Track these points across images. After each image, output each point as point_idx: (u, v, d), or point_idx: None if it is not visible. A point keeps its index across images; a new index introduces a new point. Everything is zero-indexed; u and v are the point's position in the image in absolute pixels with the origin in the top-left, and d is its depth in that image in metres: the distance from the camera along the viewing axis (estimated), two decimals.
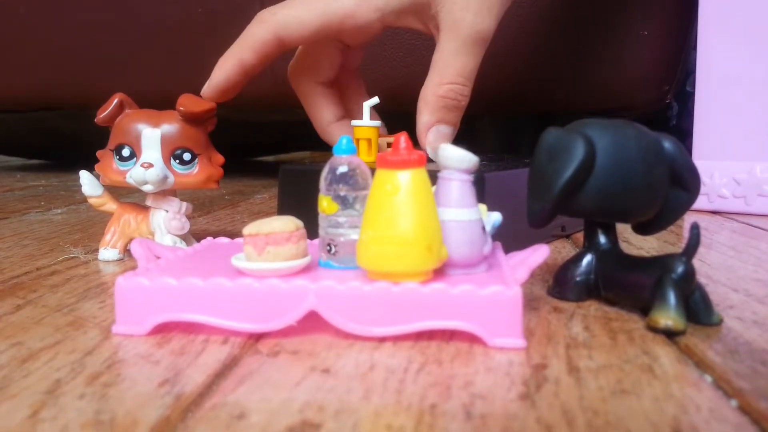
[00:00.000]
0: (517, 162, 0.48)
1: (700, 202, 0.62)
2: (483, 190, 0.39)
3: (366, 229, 0.26)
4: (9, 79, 0.99)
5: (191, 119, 0.40)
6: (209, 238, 0.36)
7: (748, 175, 0.59)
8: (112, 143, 0.40)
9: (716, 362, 0.24)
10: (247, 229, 0.28)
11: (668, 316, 0.26)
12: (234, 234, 0.44)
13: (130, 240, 0.41)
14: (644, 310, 0.28)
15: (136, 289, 0.27)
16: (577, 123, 0.31)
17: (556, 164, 0.29)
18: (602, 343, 0.26)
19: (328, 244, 0.29)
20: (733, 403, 0.20)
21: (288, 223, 0.28)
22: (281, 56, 0.46)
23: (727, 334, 0.27)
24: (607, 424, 0.19)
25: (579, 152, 0.28)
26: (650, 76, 0.78)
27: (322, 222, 0.29)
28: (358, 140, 0.49)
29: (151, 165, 0.38)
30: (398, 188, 0.26)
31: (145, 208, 0.41)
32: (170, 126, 0.39)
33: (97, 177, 0.41)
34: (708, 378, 0.22)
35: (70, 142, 1.22)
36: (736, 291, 0.33)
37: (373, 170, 0.27)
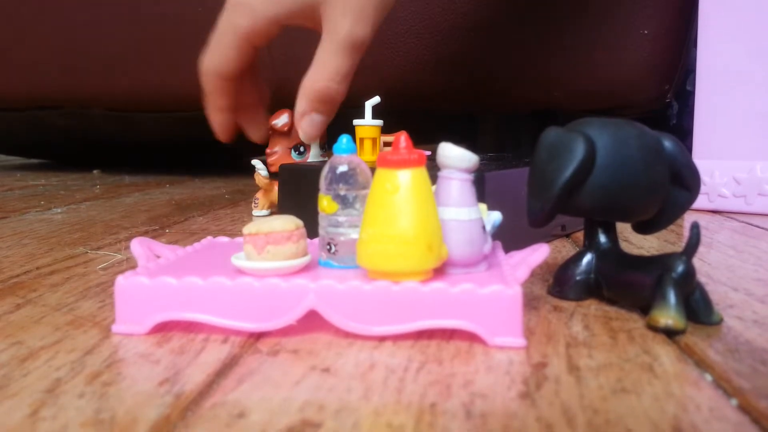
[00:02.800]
0: (518, 161, 0.48)
1: (700, 202, 0.62)
2: (483, 189, 0.39)
3: (366, 228, 0.26)
4: (8, 78, 0.99)
5: None
6: (209, 238, 0.36)
7: (749, 174, 0.59)
8: (290, 143, 0.59)
9: (716, 361, 0.24)
10: (247, 229, 0.28)
11: (668, 315, 0.26)
12: (234, 233, 0.44)
13: (272, 203, 0.60)
14: (644, 309, 0.28)
15: (136, 288, 0.27)
16: (577, 122, 0.31)
17: (557, 163, 0.29)
18: (602, 342, 0.26)
19: (328, 244, 0.29)
20: (733, 402, 0.20)
21: (288, 223, 0.28)
22: (282, 56, 0.46)
23: (728, 333, 0.27)
24: (607, 422, 0.19)
25: (579, 151, 0.28)
26: (650, 74, 0.78)
27: (322, 221, 0.29)
28: (361, 140, 0.49)
29: (326, 154, 0.52)
30: (398, 187, 0.26)
31: (273, 183, 0.59)
32: None
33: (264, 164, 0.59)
34: (708, 377, 0.22)
35: (69, 141, 1.22)
36: (736, 290, 0.33)
37: (374, 169, 0.27)
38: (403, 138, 0.26)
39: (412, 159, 0.26)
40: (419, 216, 0.25)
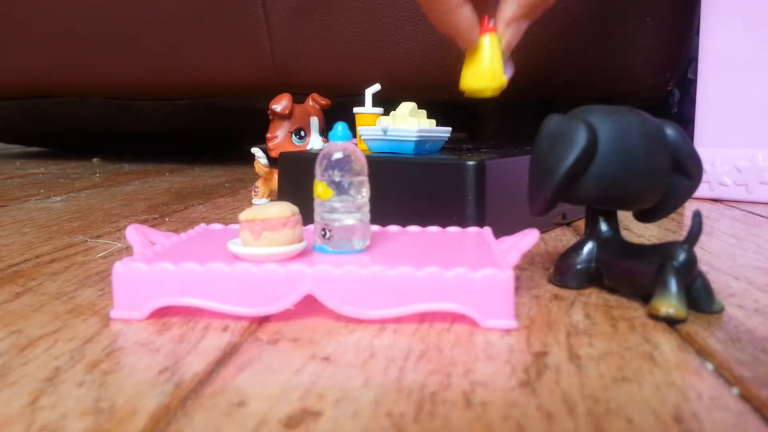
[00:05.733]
0: (519, 149, 0.48)
1: (702, 190, 0.62)
2: (484, 177, 0.39)
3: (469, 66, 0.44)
4: (7, 67, 0.98)
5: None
6: (202, 225, 0.36)
7: (750, 162, 0.59)
8: (291, 127, 0.59)
9: (717, 350, 0.24)
10: (244, 215, 0.28)
11: (669, 304, 0.26)
12: (234, 222, 0.44)
13: (271, 191, 0.60)
14: (645, 297, 0.28)
15: (133, 273, 0.27)
16: (579, 109, 0.30)
17: (558, 151, 0.29)
18: (603, 330, 0.26)
19: (323, 229, 0.29)
20: (735, 390, 0.20)
21: (284, 209, 0.28)
22: (282, 43, 0.45)
23: (729, 322, 0.27)
24: (607, 411, 0.19)
25: (581, 139, 0.28)
26: (652, 62, 0.78)
27: (317, 207, 0.29)
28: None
29: (326, 140, 0.51)
30: (483, 44, 0.43)
31: (273, 171, 0.59)
32: (314, 117, 0.60)
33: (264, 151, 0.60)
34: (709, 366, 0.22)
35: (69, 129, 1.22)
36: (738, 279, 0.33)
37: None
38: (486, 18, 0.42)
39: (492, 28, 0.43)
40: (494, 59, 0.43)
